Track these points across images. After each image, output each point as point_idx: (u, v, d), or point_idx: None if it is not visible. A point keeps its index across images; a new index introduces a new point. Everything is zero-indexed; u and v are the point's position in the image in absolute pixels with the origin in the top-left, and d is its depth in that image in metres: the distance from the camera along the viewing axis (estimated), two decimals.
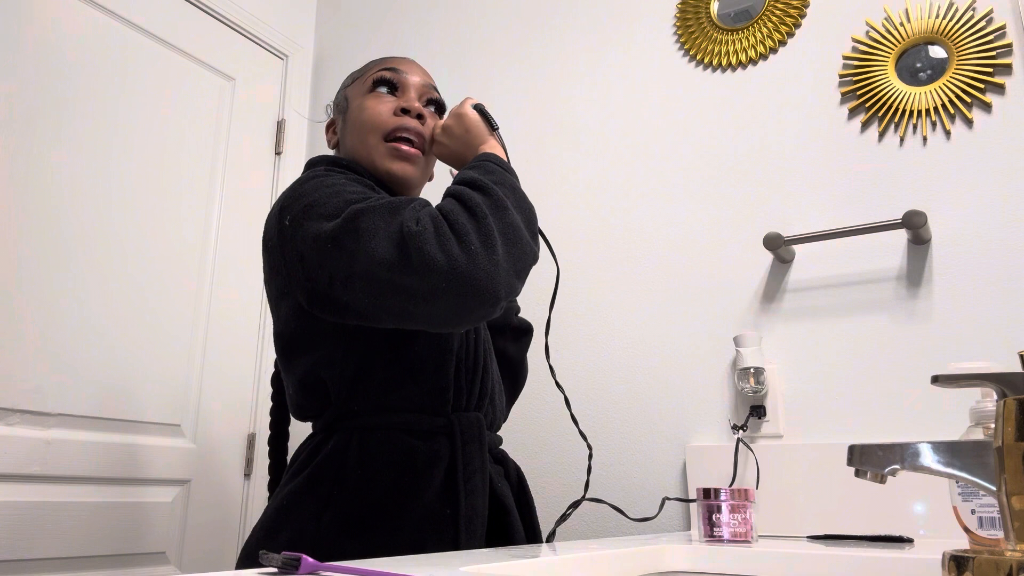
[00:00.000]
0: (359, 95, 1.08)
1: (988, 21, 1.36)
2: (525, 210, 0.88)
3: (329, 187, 0.89)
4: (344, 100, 1.11)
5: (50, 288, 1.46)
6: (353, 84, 1.11)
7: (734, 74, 1.59)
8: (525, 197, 0.91)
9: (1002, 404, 0.51)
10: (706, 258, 1.53)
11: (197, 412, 1.70)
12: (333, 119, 1.15)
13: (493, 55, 1.92)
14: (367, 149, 1.04)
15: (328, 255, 0.82)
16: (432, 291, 0.76)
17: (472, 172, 0.89)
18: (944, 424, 1.25)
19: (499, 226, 0.82)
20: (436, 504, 0.90)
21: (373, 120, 1.04)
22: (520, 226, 0.85)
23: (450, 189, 0.87)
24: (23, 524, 1.36)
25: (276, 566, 0.53)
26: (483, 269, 0.77)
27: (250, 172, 1.93)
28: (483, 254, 0.78)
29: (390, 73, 1.07)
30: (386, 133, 1.03)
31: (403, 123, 1.03)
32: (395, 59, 1.11)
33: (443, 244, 0.77)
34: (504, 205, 0.84)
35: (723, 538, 0.96)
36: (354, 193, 0.88)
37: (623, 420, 1.53)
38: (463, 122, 1.02)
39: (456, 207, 0.82)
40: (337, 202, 0.86)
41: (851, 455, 0.62)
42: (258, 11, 2.02)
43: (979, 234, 1.30)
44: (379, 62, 1.11)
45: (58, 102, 1.53)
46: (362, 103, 1.06)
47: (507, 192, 0.87)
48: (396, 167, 1.03)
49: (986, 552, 0.47)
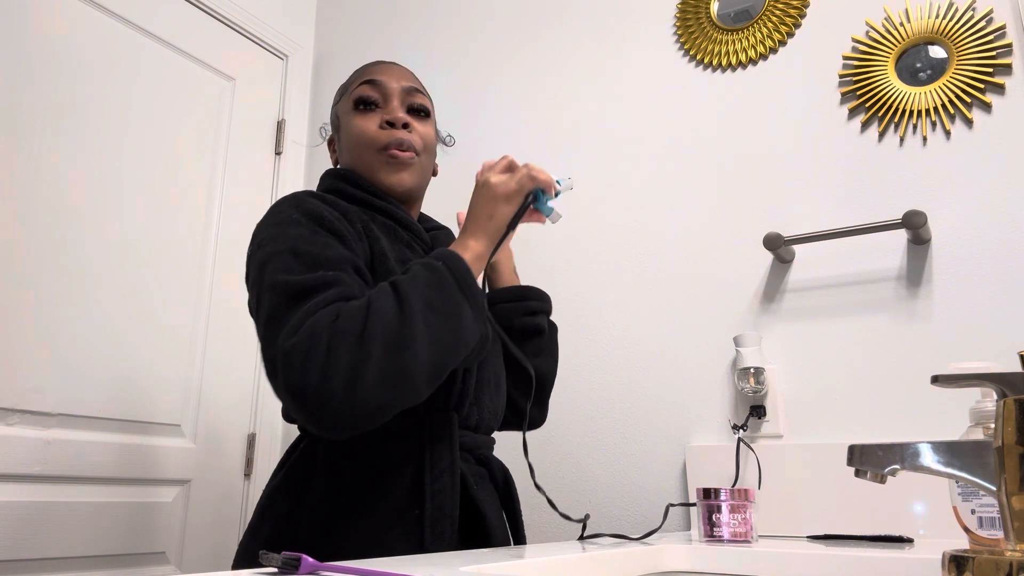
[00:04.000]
0: (347, 112, 1.10)
1: (988, 21, 1.36)
2: (442, 343, 0.83)
3: (280, 234, 0.90)
4: (336, 118, 1.13)
5: (50, 288, 1.46)
6: (341, 100, 1.13)
7: (734, 74, 1.59)
8: (457, 333, 0.85)
9: (1002, 404, 0.51)
10: (706, 258, 1.53)
11: (197, 412, 1.70)
12: (332, 137, 1.16)
13: (493, 55, 1.92)
14: (365, 165, 1.07)
15: (255, 313, 0.88)
16: (291, 407, 0.80)
17: (419, 276, 0.85)
18: (944, 424, 1.25)
19: (383, 366, 0.78)
20: (403, 504, 0.90)
21: (363, 139, 1.06)
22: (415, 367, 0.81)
23: (381, 289, 0.84)
24: (23, 524, 1.36)
25: (276, 566, 0.53)
26: (333, 408, 0.77)
27: (250, 172, 1.93)
28: (340, 393, 0.77)
29: (369, 88, 1.08)
30: (380, 147, 1.06)
31: (392, 137, 1.06)
32: (374, 68, 1.12)
33: (303, 373, 0.77)
34: (406, 342, 0.80)
35: (723, 538, 0.96)
36: (294, 263, 0.87)
37: (623, 420, 1.53)
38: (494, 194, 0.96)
39: (349, 328, 0.79)
40: (277, 260, 0.88)
41: (851, 455, 0.62)
42: (258, 11, 2.02)
43: (979, 234, 1.30)
44: (359, 74, 1.12)
45: (59, 102, 1.53)
46: (350, 122, 1.09)
47: (431, 322, 0.82)
48: (394, 179, 1.06)
49: (986, 552, 0.47)
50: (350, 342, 0.78)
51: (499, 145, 1.85)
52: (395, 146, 1.05)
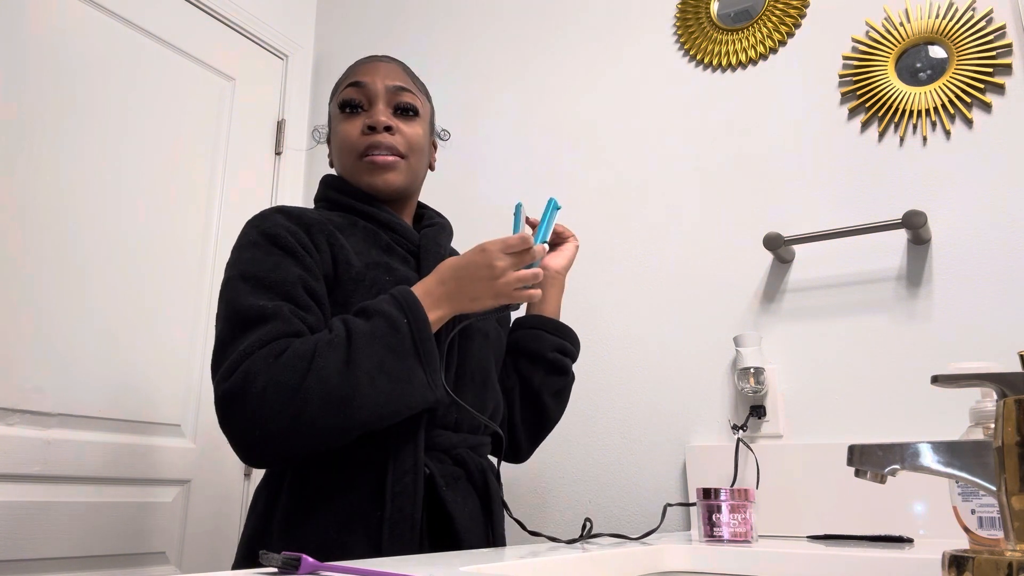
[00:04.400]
0: (335, 117, 1.10)
1: (988, 21, 1.36)
2: (384, 405, 0.84)
3: (239, 259, 0.95)
4: (329, 120, 1.14)
5: (50, 288, 1.46)
6: (331, 104, 1.13)
7: (734, 74, 1.59)
8: (403, 398, 0.85)
9: (1002, 404, 0.51)
10: (706, 258, 1.53)
11: (197, 412, 1.70)
12: (329, 138, 1.17)
13: (493, 55, 1.92)
14: (349, 170, 1.08)
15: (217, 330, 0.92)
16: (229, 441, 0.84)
17: (378, 332, 0.85)
18: (944, 424, 1.25)
19: (315, 421, 0.80)
20: (364, 506, 0.89)
21: (346, 143, 1.07)
22: (350, 424, 0.82)
23: (333, 338, 0.84)
24: (23, 524, 1.36)
25: (276, 566, 0.53)
26: (259, 451, 0.82)
27: (250, 172, 1.93)
28: (268, 441, 0.81)
29: (354, 90, 1.08)
30: (360, 153, 1.06)
31: (372, 141, 1.05)
32: (360, 68, 1.11)
33: (233, 417, 0.81)
34: (344, 403, 0.81)
35: (723, 538, 0.96)
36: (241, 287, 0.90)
37: (623, 420, 1.53)
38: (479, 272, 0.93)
39: (284, 379, 0.80)
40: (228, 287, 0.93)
41: (851, 455, 0.62)
42: (258, 11, 2.02)
43: (979, 234, 1.30)
44: (347, 74, 1.12)
45: (59, 102, 1.53)
46: (336, 126, 1.09)
47: (378, 385, 0.83)
48: (377, 181, 1.06)
49: (986, 552, 0.47)
50: (284, 394, 0.80)
51: (499, 145, 1.85)
52: (374, 151, 1.05)
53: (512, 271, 0.93)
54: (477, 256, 0.93)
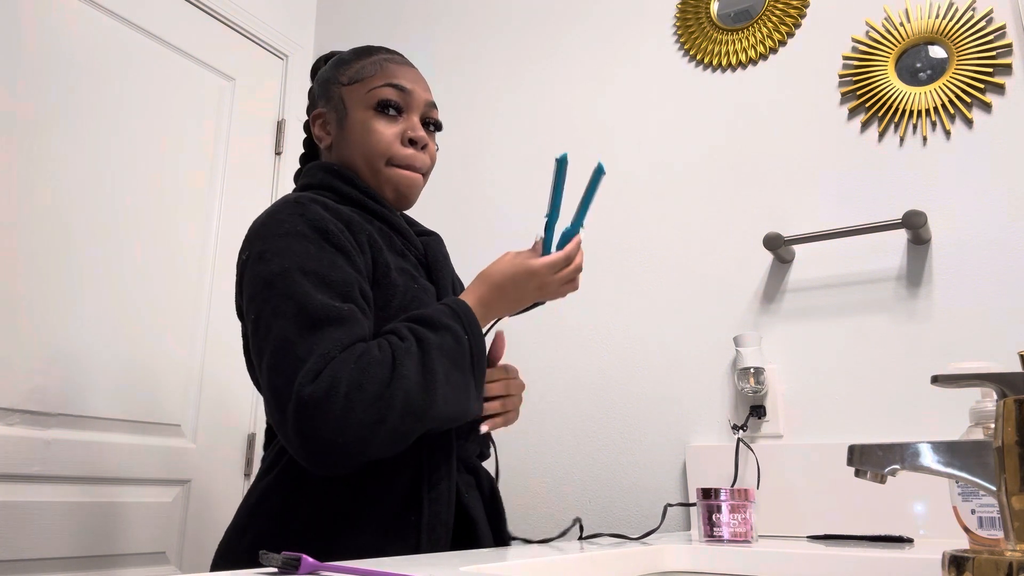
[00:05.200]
0: (360, 106, 1.03)
1: (988, 21, 1.36)
2: (448, 417, 0.85)
3: (287, 248, 0.87)
4: (340, 102, 1.05)
5: (50, 288, 1.46)
6: (351, 87, 1.04)
7: (734, 74, 1.59)
8: (463, 408, 0.87)
9: (1002, 404, 0.51)
10: (706, 258, 1.53)
11: (197, 412, 1.70)
12: (321, 111, 1.07)
13: (493, 55, 1.92)
14: (372, 173, 1.03)
15: (248, 332, 0.88)
16: (296, 448, 0.81)
17: (446, 346, 0.86)
18: (944, 424, 1.25)
19: (394, 431, 0.80)
20: (400, 510, 0.89)
21: (378, 147, 1.02)
22: (418, 430, 0.83)
23: (408, 346, 0.84)
24: (23, 524, 1.36)
25: (276, 566, 0.53)
26: (333, 458, 0.80)
27: (250, 172, 1.93)
28: (346, 447, 0.79)
29: (396, 93, 1.03)
30: (389, 159, 1.02)
31: (412, 157, 1.03)
32: (399, 69, 1.05)
33: (317, 424, 0.78)
34: (421, 413, 0.82)
35: (723, 538, 0.96)
36: (304, 284, 0.84)
37: (623, 420, 1.53)
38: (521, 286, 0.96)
39: (370, 387, 0.79)
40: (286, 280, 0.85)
41: (851, 455, 0.62)
42: (258, 11, 2.02)
43: (979, 234, 1.30)
44: (381, 70, 1.04)
45: (58, 102, 1.53)
46: (367, 123, 1.02)
47: (448, 398, 0.84)
48: (403, 195, 1.04)
49: (986, 552, 0.47)
50: (368, 401, 0.79)
51: (499, 146, 1.85)
52: (409, 164, 1.03)
53: (554, 285, 0.97)
54: (528, 278, 0.95)
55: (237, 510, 0.95)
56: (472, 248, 1.79)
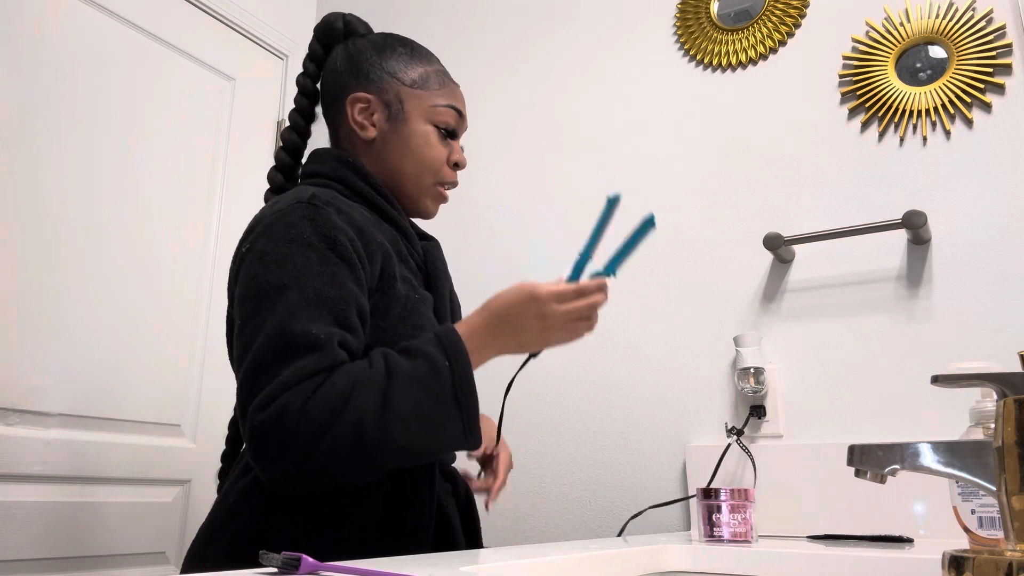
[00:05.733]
0: (421, 116, 1.03)
1: (988, 21, 1.36)
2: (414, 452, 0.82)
3: (290, 258, 0.84)
4: (398, 101, 1.03)
5: (50, 288, 1.46)
6: (414, 91, 1.03)
7: (734, 74, 1.59)
8: (435, 444, 0.83)
9: (1002, 404, 0.51)
10: (706, 258, 1.53)
11: (197, 412, 1.70)
12: (366, 96, 1.03)
13: (492, 55, 1.92)
14: (416, 183, 1.03)
15: (239, 333, 0.85)
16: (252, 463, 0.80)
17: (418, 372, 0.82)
18: (944, 424, 1.25)
19: (343, 461, 0.78)
20: (382, 516, 0.89)
21: (435, 165, 1.03)
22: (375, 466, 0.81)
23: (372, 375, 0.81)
24: (23, 524, 1.36)
25: (276, 566, 0.53)
26: (284, 480, 0.79)
27: (250, 172, 1.93)
28: (292, 471, 0.78)
29: (457, 120, 1.05)
30: (439, 180, 1.05)
31: (454, 179, 1.07)
32: (458, 92, 1.08)
33: (264, 449, 0.77)
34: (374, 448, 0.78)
35: (723, 538, 0.96)
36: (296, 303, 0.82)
37: (623, 420, 1.53)
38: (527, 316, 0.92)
39: (317, 417, 0.76)
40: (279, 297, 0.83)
41: (851, 455, 0.62)
42: (258, 11, 2.02)
43: (979, 234, 1.30)
44: (444, 86, 1.06)
45: (58, 102, 1.53)
46: (427, 136, 1.03)
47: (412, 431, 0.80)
48: (432, 211, 1.07)
49: (986, 552, 0.47)
50: (316, 433, 0.77)
51: (496, 146, 1.85)
52: (448, 188, 1.06)
53: (560, 315, 0.92)
54: (527, 303, 0.90)
55: (212, 508, 0.92)
56: (464, 250, 1.79)
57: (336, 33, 1.12)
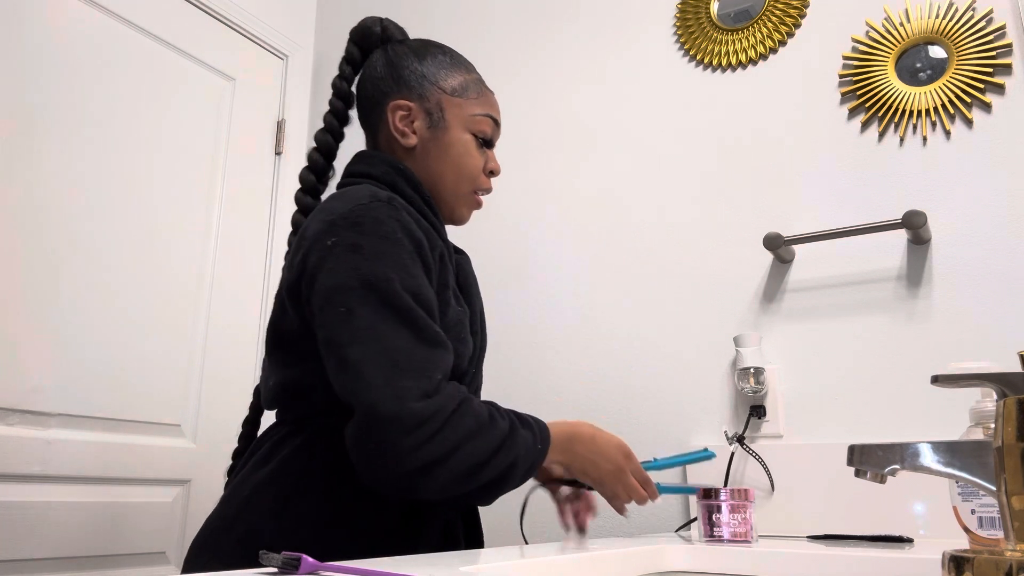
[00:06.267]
0: (460, 125, 1.04)
1: (988, 21, 1.36)
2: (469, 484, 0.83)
3: (387, 253, 0.86)
4: (439, 109, 1.03)
5: (50, 288, 1.46)
6: (454, 99, 1.04)
7: (734, 74, 1.59)
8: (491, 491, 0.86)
9: (1002, 404, 0.51)
10: (706, 258, 1.53)
11: (197, 412, 1.70)
12: (407, 103, 1.03)
13: (493, 55, 1.92)
14: (454, 191, 1.05)
15: (326, 319, 0.84)
16: (357, 438, 0.80)
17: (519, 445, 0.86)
18: (944, 424, 1.25)
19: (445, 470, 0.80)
20: (399, 520, 0.89)
21: (473, 173, 1.05)
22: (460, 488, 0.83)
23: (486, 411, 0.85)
24: (23, 524, 1.36)
25: (276, 566, 0.53)
26: (393, 480, 0.79)
27: (250, 172, 1.93)
28: (413, 473, 0.79)
29: (493, 130, 1.07)
30: (476, 188, 1.06)
31: (490, 186, 1.09)
32: (495, 101, 1.10)
33: (397, 439, 0.77)
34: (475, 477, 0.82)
35: (723, 538, 0.96)
36: (403, 296, 0.83)
37: (623, 420, 1.53)
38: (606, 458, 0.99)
39: (461, 430, 0.80)
40: (388, 287, 0.83)
41: (851, 455, 0.62)
42: (258, 11, 2.02)
43: (979, 234, 1.30)
44: (483, 95, 1.07)
45: (58, 102, 1.53)
46: (467, 146, 1.04)
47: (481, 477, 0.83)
48: (466, 218, 1.08)
49: (986, 552, 0.47)
50: (452, 442, 0.79)
51: (498, 145, 1.85)
52: (483, 195, 1.08)
53: (628, 478, 0.98)
54: (617, 452, 0.98)
55: (222, 501, 0.91)
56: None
57: (373, 37, 1.12)
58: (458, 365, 0.93)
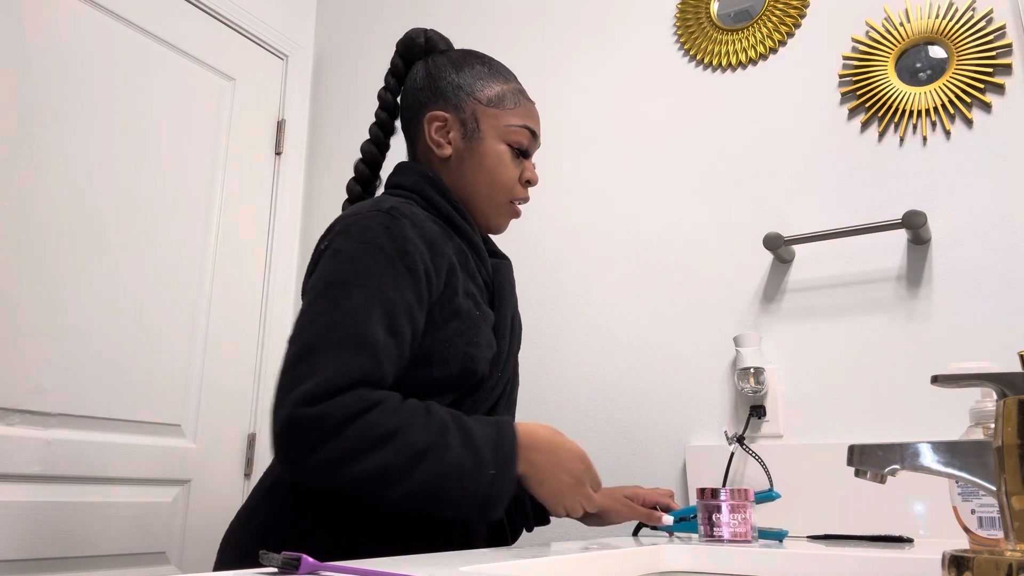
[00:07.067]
0: (495, 135, 1.04)
1: (988, 21, 1.36)
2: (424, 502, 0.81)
3: (359, 258, 0.87)
4: (474, 120, 1.04)
5: (50, 288, 1.46)
6: (489, 110, 1.05)
7: (734, 74, 1.59)
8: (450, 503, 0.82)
9: (1002, 404, 0.51)
10: (706, 258, 1.53)
11: (197, 412, 1.70)
12: (443, 115, 1.05)
13: (493, 55, 1.92)
14: (490, 202, 1.05)
15: (298, 315, 0.87)
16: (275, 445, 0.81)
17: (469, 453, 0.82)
18: (944, 424, 1.25)
19: (361, 491, 0.80)
20: (416, 515, 0.90)
21: (508, 184, 1.05)
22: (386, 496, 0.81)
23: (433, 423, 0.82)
24: (23, 524, 1.36)
25: (276, 566, 0.53)
26: (298, 474, 0.80)
27: (250, 172, 1.93)
28: (301, 469, 0.79)
29: (530, 140, 1.07)
30: (512, 198, 1.07)
31: (526, 197, 1.09)
32: (532, 110, 1.09)
33: (291, 439, 0.78)
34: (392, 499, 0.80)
35: (723, 538, 0.96)
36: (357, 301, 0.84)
37: (623, 420, 1.53)
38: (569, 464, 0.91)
39: (357, 441, 0.78)
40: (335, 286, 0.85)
41: (851, 455, 0.62)
42: (258, 11, 2.02)
43: (979, 234, 1.30)
44: (520, 106, 1.07)
45: (58, 102, 1.53)
46: (502, 157, 1.04)
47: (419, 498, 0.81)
48: (503, 227, 1.09)
49: (986, 552, 0.47)
50: (340, 456, 0.78)
51: None
52: (521, 204, 1.08)
53: (586, 488, 0.91)
54: (577, 462, 0.91)
55: (251, 493, 0.96)
56: None
57: (417, 49, 1.13)
58: (472, 369, 0.94)
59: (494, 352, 0.98)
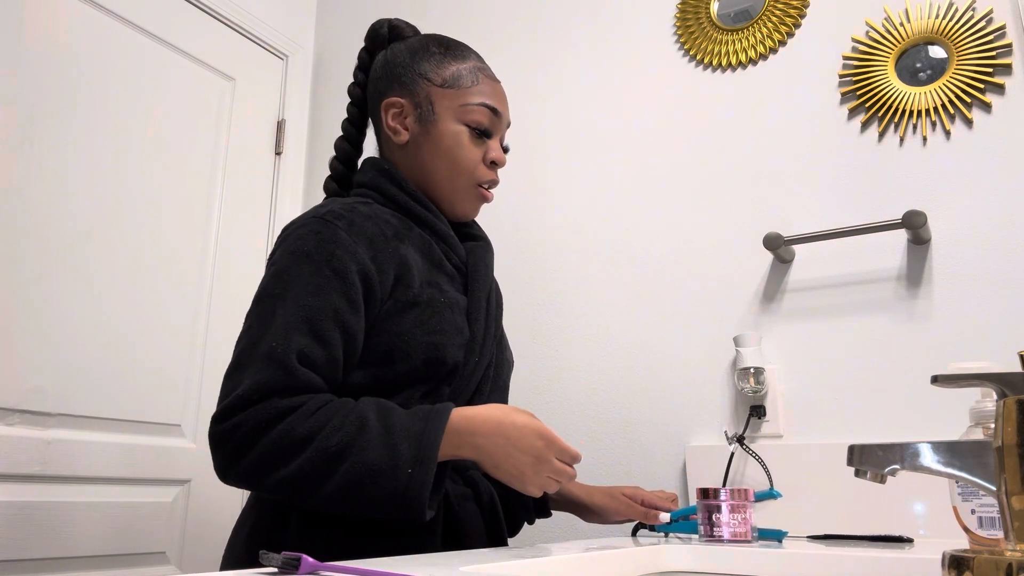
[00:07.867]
0: (451, 117, 1.01)
1: (988, 21, 1.36)
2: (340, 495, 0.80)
3: (288, 269, 0.88)
4: (428, 102, 1.02)
5: (50, 288, 1.46)
6: (444, 91, 1.02)
7: (734, 74, 1.59)
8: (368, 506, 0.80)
9: (1002, 404, 0.51)
10: (706, 258, 1.53)
11: (197, 412, 1.70)
12: (398, 101, 1.03)
13: (493, 55, 1.92)
14: (451, 188, 1.02)
15: (238, 338, 0.89)
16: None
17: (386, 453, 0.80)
18: (944, 424, 1.25)
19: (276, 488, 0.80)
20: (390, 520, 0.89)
21: (468, 165, 1.02)
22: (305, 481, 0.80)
23: (350, 422, 0.81)
24: (23, 524, 1.36)
25: (276, 566, 0.53)
26: (229, 482, 0.83)
27: (250, 172, 1.93)
28: (231, 476, 0.82)
29: (491, 118, 1.03)
30: (477, 182, 1.03)
31: (494, 179, 1.05)
32: (494, 88, 1.05)
33: (216, 452, 0.82)
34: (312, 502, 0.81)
35: (723, 538, 0.96)
36: (278, 312, 0.85)
37: (623, 420, 1.53)
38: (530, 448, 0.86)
39: (268, 452, 0.79)
40: (264, 298, 0.88)
41: (851, 455, 0.62)
42: (258, 11, 2.02)
43: (979, 234, 1.30)
44: (478, 83, 1.03)
45: (58, 102, 1.53)
46: (458, 138, 1.01)
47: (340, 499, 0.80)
48: (471, 213, 1.05)
49: (986, 552, 0.47)
50: (253, 467, 0.80)
51: None
52: (489, 187, 1.05)
53: (553, 463, 0.86)
54: (533, 438, 0.85)
55: (249, 496, 0.98)
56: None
57: (381, 39, 1.11)
58: (439, 358, 0.91)
59: (466, 338, 0.96)
